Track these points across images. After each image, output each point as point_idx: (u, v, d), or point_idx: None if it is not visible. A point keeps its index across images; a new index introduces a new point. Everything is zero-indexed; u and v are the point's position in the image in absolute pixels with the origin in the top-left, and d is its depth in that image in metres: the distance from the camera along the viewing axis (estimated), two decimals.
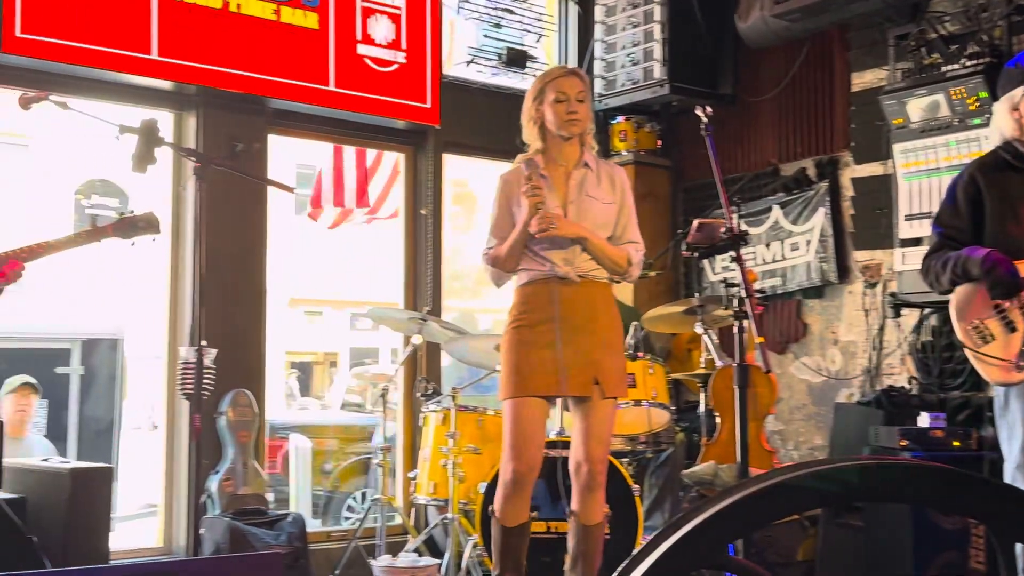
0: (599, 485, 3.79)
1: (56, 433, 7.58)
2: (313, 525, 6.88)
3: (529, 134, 3.87)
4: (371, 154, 7.51)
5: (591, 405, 3.73)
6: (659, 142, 6.86)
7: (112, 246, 3.92)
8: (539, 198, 3.64)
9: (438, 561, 4.86)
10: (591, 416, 3.74)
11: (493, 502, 3.83)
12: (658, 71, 6.31)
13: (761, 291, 6.05)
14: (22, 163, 11.45)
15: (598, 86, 6.70)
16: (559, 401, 4.49)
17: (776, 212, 6.35)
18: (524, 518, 3.80)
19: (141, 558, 5.13)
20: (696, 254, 4.01)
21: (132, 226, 3.82)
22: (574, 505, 3.83)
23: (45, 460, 4.63)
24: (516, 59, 6.51)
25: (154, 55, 5.10)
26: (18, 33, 4.72)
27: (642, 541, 4.64)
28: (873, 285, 5.90)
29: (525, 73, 6.58)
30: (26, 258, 3.63)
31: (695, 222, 3.90)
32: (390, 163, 7.47)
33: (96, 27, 4.93)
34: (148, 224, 3.84)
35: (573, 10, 6.97)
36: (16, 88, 4.50)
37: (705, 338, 5.12)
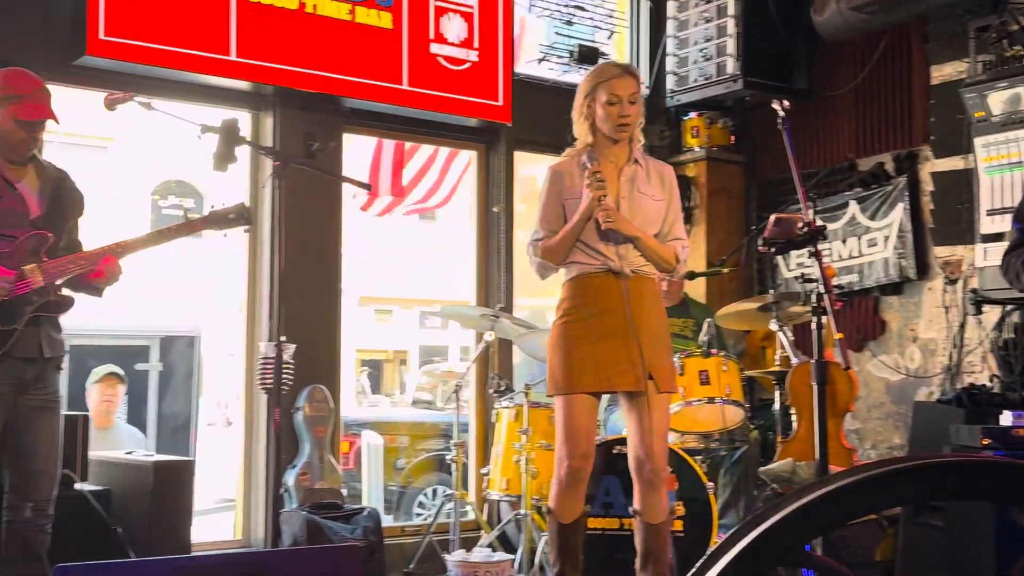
0: (662, 482, 3.77)
1: (135, 427, 7.75)
2: (385, 520, 6.95)
3: (579, 129, 3.84)
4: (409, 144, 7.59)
5: (646, 400, 3.69)
6: (732, 138, 6.81)
7: (187, 244, 3.99)
8: (603, 191, 3.62)
9: (511, 556, 4.87)
10: (648, 412, 3.70)
11: (549, 500, 3.82)
12: (731, 66, 6.26)
13: (838, 287, 5.97)
14: (101, 164, 11.69)
15: (670, 82, 6.67)
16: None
17: (853, 207, 6.26)
18: (579, 513, 3.79)
19: (224, 550, 5.22)
20: (772, 250, 3.96)
21: (224, 218, 3.89)
22: (637, 504, 3.80)
23: (129, 453, 4.75)
24: (587, 56, 6.50)
25: (232, 56, 5.19)
26: (102, 36, 4.83)
27: (717, 539, 4.61)
28: (953, 281, 5.79)
29: None
30: (120, 253, 3.72)
31: (772, 217, 3.86)
32: (427, 153, 7.56)
33: (176, 29, 5.03)
34: (240, 216, 3.90)
35: (645, 6, 6.94)
36: (99, 90, 4.61)
37: (780, 335, 5.08)
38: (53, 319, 3.71)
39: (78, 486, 4.22)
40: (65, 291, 3.76)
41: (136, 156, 15.52)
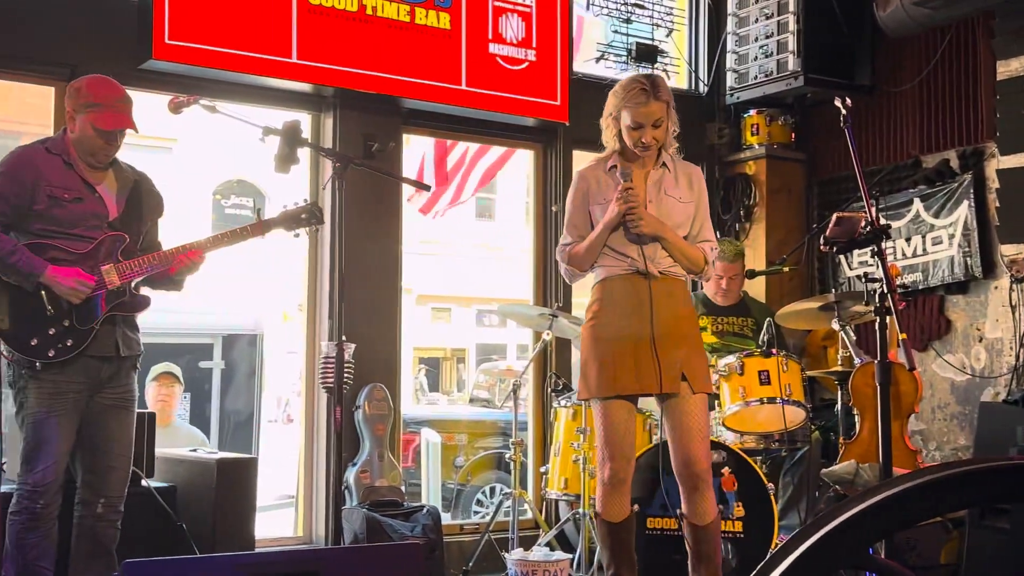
0: (707, 484, 3.74)
1: (199, 425, 7.88)
2: (444, 518, 6.98)
3: (606, 136, 3.85)
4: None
5: (682, 402, 3.69)
6: (792, 135, 6.74)
7: (250, 244, 4.04)
8: (633, 205, 3.63)
9: (570, 556, 4.87)
10: (685, 414, 3.69)
11: (597, 504, 3.82)
12: (792, 63, 6.20)
13: (902, 286, 5.89)
14: (166, 166, 11.90)
15: (729, 79, 6.63)
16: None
17: (917, 205, 6.16)
18: (628, 512, 3.78)
19: (286, 546, 5.28)
20: (835, 249, 3.91)
21: (296, 218, 3.94)
22: (685, 508, 3.78)
23: (194, 451, 4.82)
24: (646, 54, 6.48)
25: (293, 59, 5.25)
26: (167, 40, 4.91)
27: (778, 540, 4.57)
28: (1020, 280, 5.68)
29: (655, 68, 6.54)
30: (199, 250, 3.80)
31: (834, 215, 3.81)
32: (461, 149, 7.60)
33: (239, 32, 5.10)
34: (312, 215, 3.96)
35: (704, 3, 6.90)
36: (163, 93, 4.69)
37: (842, 335, 5.02)
38: (129, 318, 3.79)
39: (144, 483, 4.29)
40: (143, 291, 3.84)
41: (199, 157, 15.77)
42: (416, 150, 8.23)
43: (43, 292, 3.57)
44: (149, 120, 3.88)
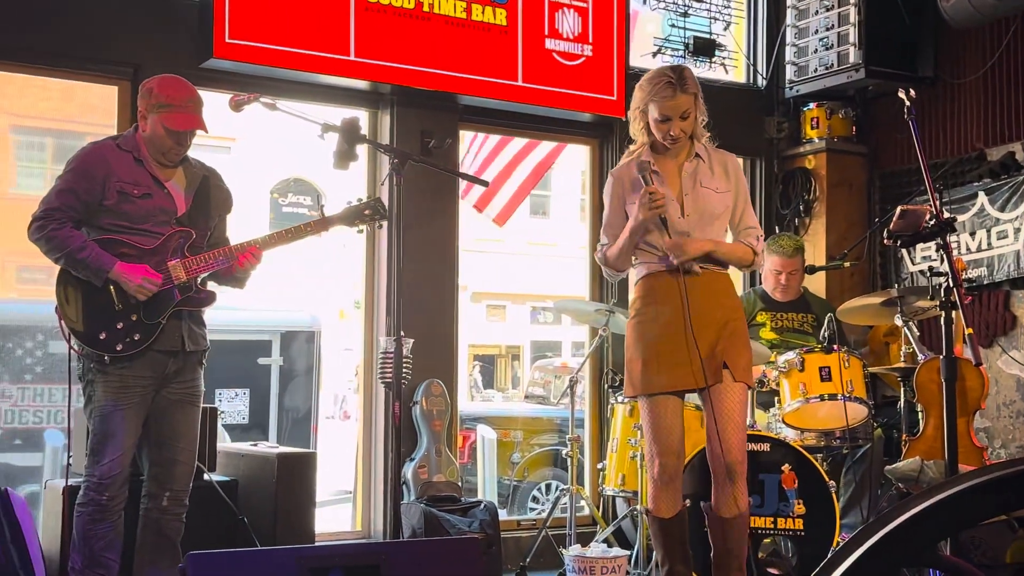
0: (740, 475, 3.69)
1: (258, 421, 7.97)
2: (500, 514, 7.00)
3: (634, 129, 3.84)
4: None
5: (721, 390, 3.67)
6: (854, 128, 6.65)
7: (308, 241, 4.07)
8: (661, 210, 3.61)
9: (628, 552, 4.85)
10: (723, 401, 3.67)
11: (648, 501, 3.79)
12: (853, 55, 6.12)
13: (967, 280, 5.78)
14: (225, 165, 12.05)
15: (788, 72, 6.56)
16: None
17: (982, 198, 6.05)
18: (679, 508, 3.75)
19: (347, 540, 5.32)
20: (898, 242, 3.85)
21: (359, 214, 3.97)
22: (714, 499, 3.73)
23: (254, 445, 4.87)
24: (703, 48, 6.43)
25: (351, 56, 5.28)
26: (227, 39, 4.97)
27: (840, 539, 4.52)
28: None
29: (713, 62, 6.49)
30: (262, 246, 3.84)
31: (898, 208, 3.75)
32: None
33: (298, 31, 5.14)
34: (375, 211, 3.98)
35: None
36: (223, 91, 4.74)
37: (905, 330, 4.94)
38: (196, 313, 3.84)
39: (207, 477, 4.35)
40: (209, 286, 3.90)
41: (257, 156, 15.95)
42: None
43: (112, 287, 3.63)
44: (209, 119, 3.92)
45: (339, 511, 7.79)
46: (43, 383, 6.23)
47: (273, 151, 15.98)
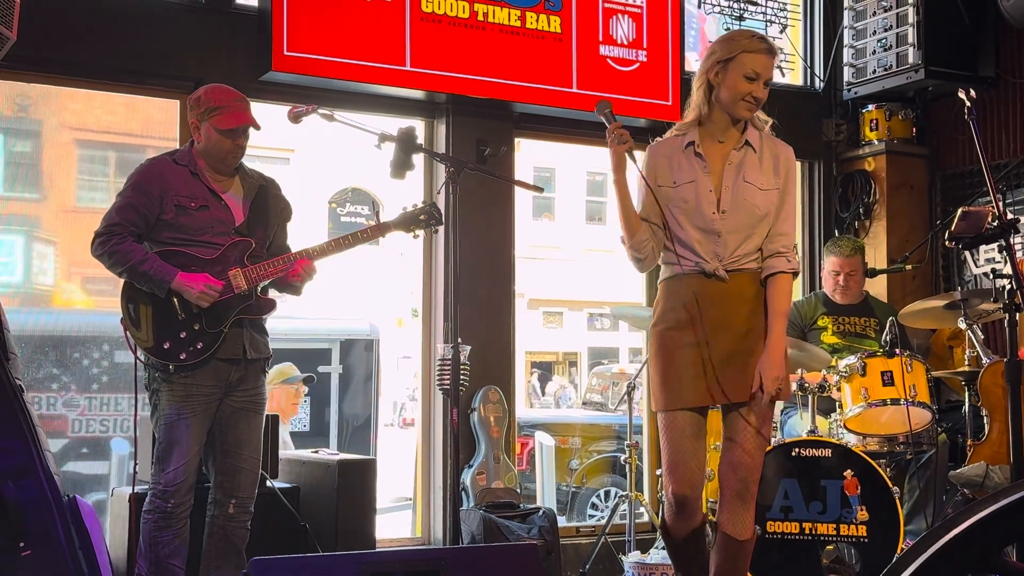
0: (753, 496, 3.39)
1: (319, 428, 8.05)
2: (559, 521, 7.00)
3: (697, 96, 3.40)
4: None
5: (745, 410, 3.35)
6: (914, 130, 6.56)
7: (365, 250, 4.11)
8: (628, 144, 3.31)
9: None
10: (744, 423, 3.34)
11: (662, 519, 3.54)
12: (912, 55, 6.04)
13: None
14: (284, 175, 12.22)
15: (846, 74, 6.49)
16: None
17: None
18: (695, 525, 3.45)
19: (408, 547, 5.36)
20: (960, 244, 3.80)
21: (415, 219, 4.00)
22: (724, 517, 3.41)
23: (315, 452, 4.93)
24: None
25: (407, 66, 5.33)
26: (285, 52, 5.04)
27: (903, 545, 4.45)
28: None
29: None
30: (316, 256, 3.90)
31: (960, 210, 3.70)
32: None
33: (354, 42, 5.20)
34: (431, 216, 4.01)
35: None
36: (282, 103, 4.81)
37: (969, 334, 4.86)
38: (257, 321, 3.90)
39: (269, 484, 4.40)
40: (271, 294, 3.96)
41: (315, 167, 16.13)
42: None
43: (174, 298, 3.70)
44: (268, 131, 3.99)
45: (399, 518, 7.85)
46: (109, 392, 6.34)
47: (331, 161, 16.15)
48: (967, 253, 6.26)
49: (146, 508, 3.75)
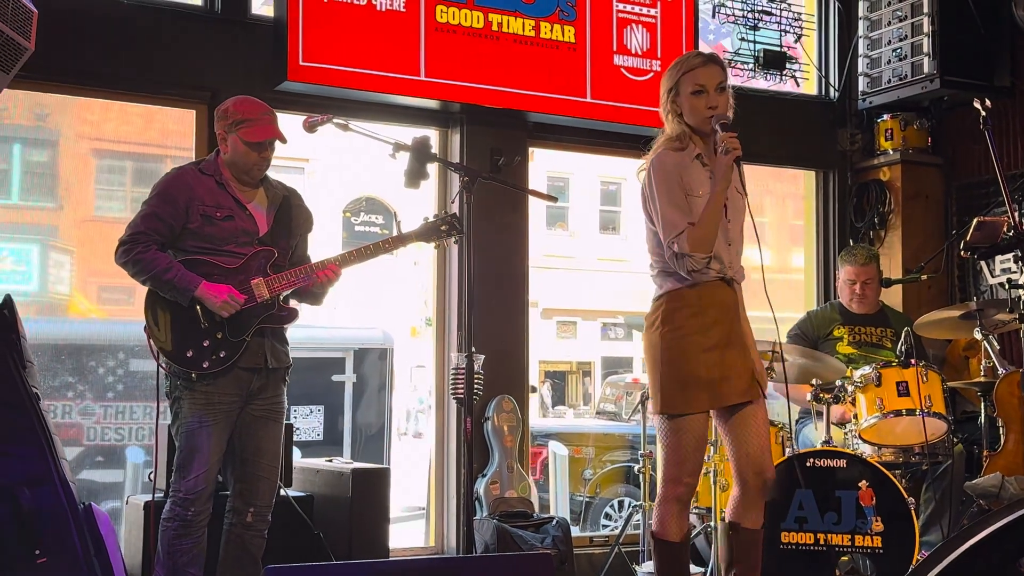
0: (768, 489, 3.62)
1: (332, 437, 8.05)
2: (572, 531, 6.98)
3: (674, 129, 3.55)
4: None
5: (755, 407, 3.55)
6: (929, 139, 6.55)
7: (379, 260, 4.12)
8: (736, 153, 3.41)
9: (702, 569, 4.82)
10: (759, 419, 3.55)
11: (657, 524, 3.60)
12: (928, 65, 6.04)
13: None
14: (299, 184, 12.25)
15: (861, 84, 6.49)
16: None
17: None
18: (687, 529, 3.65)
19: (422, 556, 5.36)
20: (976, 254, 3.79)
21: (436, 229, 4.01)
22: (743, 513, 3.60)
23: (329, 461, 4.93)
24: (773, 61, 6.39)
25: (422, 76, 5.35)
26: (301, 62, 5.06)
27: (919, 557, 4.43)
28: None
29: (784, 75, 6.44)
30: (341, 263, 3.92)
31: (975, 220, 3.69)
32: None
33: (369, 52, 5.23)
34: (451, 227, 4.02)
35: (834, 7, 6.77)
36: (297, 113, 4.83)
37: (985, 344, 4.84)
38: (278, 331, 3.92)
39: (283, 492, 4.41)
40: (292, 304, 3.98)
41: (329, 176, 16.18)
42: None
43: (198, 307, 3.73)
44: (285, 136, 4.00)
45: (412, 527, 7.84)
46: (124, 401, 6.36)
47: (346, 171, 16.20)
48: (983, 263, 6.24)
49: (166, 516, 3.76)
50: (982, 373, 4.95)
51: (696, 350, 3.48)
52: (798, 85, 6.61)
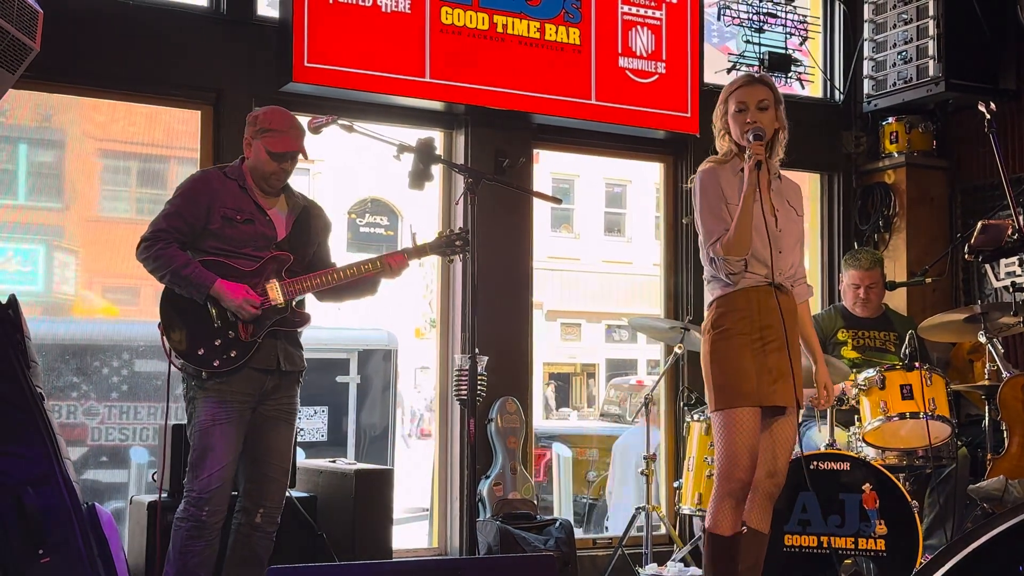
0: (776, 498, 3.78)
1: (336, 439, 8.05)
2: (576, 532, 6.98)
3: (720, 146, 3.81)
4: None
5: (789, 417, 3.70)
6: (934, 143, 6.54)
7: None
8: (760, 155, 3.59)
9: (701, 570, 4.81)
10: (789, 426, 3.71)
11: (710, 519, 3.68)
12: (933, 68, 6.04)
13: None
14: (303, 186, 12.26)
15: (866, 87, 6.49)
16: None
17: None
18: (740, 525, 3.72)
19: (425, 557, 5.36)
20: (980, 258, 3.79)
21: (451, 243, 4.04)
22: (755, 515, 3.72)
23: (333, 462, 4.94)
24: (778, 63, 6.38)
25: (427, 78, 5.36)
26: (306, 63, 5.07)
27: (922, 560, 4.42)
28: None
29: (788, 77, 6.44)
30: (353, 276, 3.98)
31: (980, 223, 3.69)
32: None
33: (374, 54, 5.23)
34: (465, 243, 4.04)
35: (839, 10, 6.77)
36: (302, 114, 4.84)
37: (989, 347, 4.83)
38: (291, 334, 3.95)
39: (287, 493, 4.41)
40: (306, 308, 4.02)
41: (334, 177, 16.19)
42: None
43: (211, 305, 3.75)
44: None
45: (416, 529, 7.84)
46: (129, 401, 6.36)
47: (351, 172, 16.22)
48: (987, 266, 6.23)
49: (179, 516, 3.77)
50: (986, 376, 4.94)
51: (742, 349, 3.63)
52: (803, 88, 6.61)
